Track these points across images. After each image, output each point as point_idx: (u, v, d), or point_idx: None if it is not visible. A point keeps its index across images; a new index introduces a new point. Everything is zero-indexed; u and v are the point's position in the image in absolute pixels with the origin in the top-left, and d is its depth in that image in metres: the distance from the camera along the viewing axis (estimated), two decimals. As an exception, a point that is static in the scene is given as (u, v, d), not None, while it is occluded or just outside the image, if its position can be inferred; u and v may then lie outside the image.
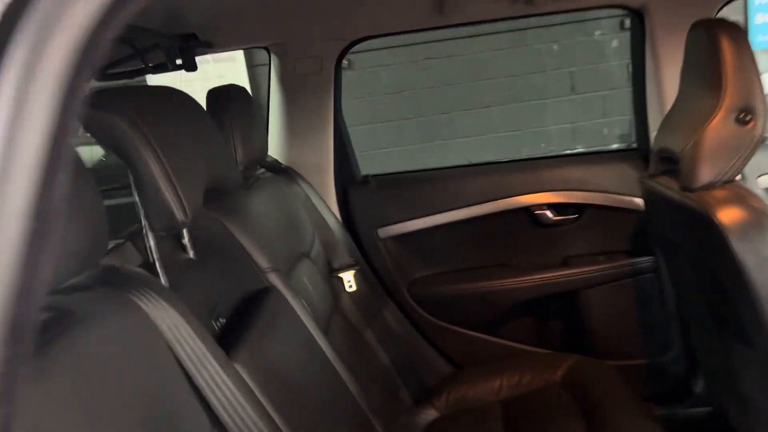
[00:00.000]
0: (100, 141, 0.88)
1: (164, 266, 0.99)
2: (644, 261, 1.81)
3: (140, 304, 0.81)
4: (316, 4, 1.53)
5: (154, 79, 1.69)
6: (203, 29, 1.53)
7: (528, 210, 1.84)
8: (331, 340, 1.35)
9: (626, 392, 1.57)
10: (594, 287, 1.84)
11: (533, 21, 3.77)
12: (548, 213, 1.84)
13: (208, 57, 1.77)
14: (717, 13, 1.64)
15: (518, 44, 4.49)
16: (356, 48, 1.74)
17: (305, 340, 1.23)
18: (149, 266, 0.98)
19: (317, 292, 1.56)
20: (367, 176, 1.96)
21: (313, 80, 1.75)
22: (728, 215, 1.20)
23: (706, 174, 1.28)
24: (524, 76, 4.54)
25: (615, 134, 4.55)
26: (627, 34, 4.39)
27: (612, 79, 4.47)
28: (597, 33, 4.49)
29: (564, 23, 4.40)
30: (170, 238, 1.06)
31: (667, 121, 1.47)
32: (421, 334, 1.87)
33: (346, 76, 1.87)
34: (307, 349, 1.23)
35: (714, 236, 1.20)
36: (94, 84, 1.48)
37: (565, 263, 1.87)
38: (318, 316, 1.46)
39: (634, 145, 1.95)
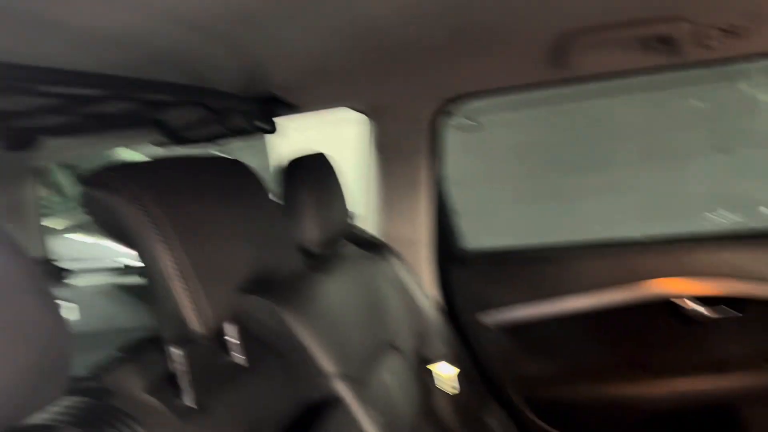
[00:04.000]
0: (101, 227, 0.71)
1: (194, 377, 0.79)
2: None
3: None
4: (408, 61, 1.32)
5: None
6: (285, 90, 1.38)
7: (668, 301, 1.49)
8: None
9: None
10: (758, 402, 1.44)
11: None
12: (696, 306, 1.48)
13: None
14: None
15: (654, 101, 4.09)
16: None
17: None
18: (171, 379, 0.78)
19: (404, 390, 1.31)
20: (470, 251, 1.70)
21: (408, 144, 1.54)
22: None
23: None
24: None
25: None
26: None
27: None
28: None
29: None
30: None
31: None
32: None
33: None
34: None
35: None
36: (175, 150, 1.37)
37: (719, 368, 1.49)
38: (401, 421, 1.21)
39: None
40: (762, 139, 3.96)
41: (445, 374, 1.47)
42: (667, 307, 1.50)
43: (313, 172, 1.25)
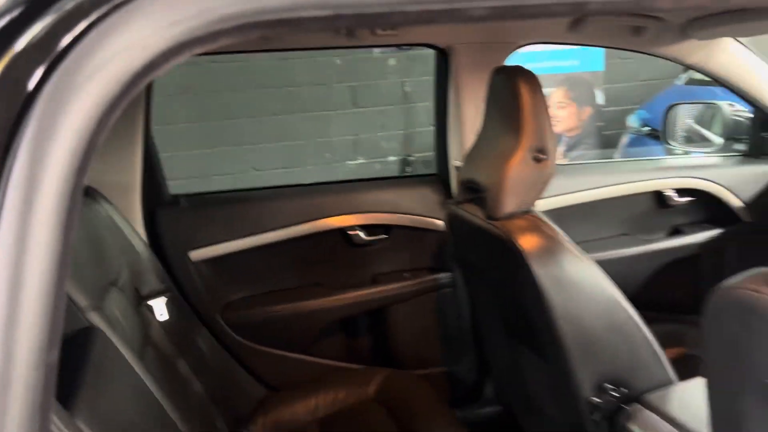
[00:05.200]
0: None
1: None
2: (443, 277, 1.98)
3: None
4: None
5: None
6: None
7: (341, 231, 1.90)
8: (148, 375, 1.27)
9: (433, 400, 1.70)
10: (400, 303, 1.96)
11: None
12: (360, 233, 1.91)
13: None
14: (509, 57, 1.85)
15: (301, 56, 4.57)
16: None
17: (134, 383, 1.14)
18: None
19: (129, 324, 1.44)
20: (176, 196, 1.86)
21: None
22: (528, 242, 1.36)
23: (508, 205, 1.44)
24: (308, 87, 4.64)
25: (393, 147, 4.86)
26: (402, 54, 4.74)
27: (389, 95, 4.77)
28: (377, 51, 4.75)
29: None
30: None
31: (472, 154, 1.62)
32: (235, 359, 1.83)
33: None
34: (137, 393, 1.14)
35: (515, 260, 1.36)
36: None
37: (374, 281, 1.96)
38: (133, 351, 1.36)
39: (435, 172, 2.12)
40: (390, 98, 4.79)
41: (160, 307, 1.64)
42: (341, 236, 1.91)
43: None
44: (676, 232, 2.16)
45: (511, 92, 1.43)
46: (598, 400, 1.36)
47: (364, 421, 1.65)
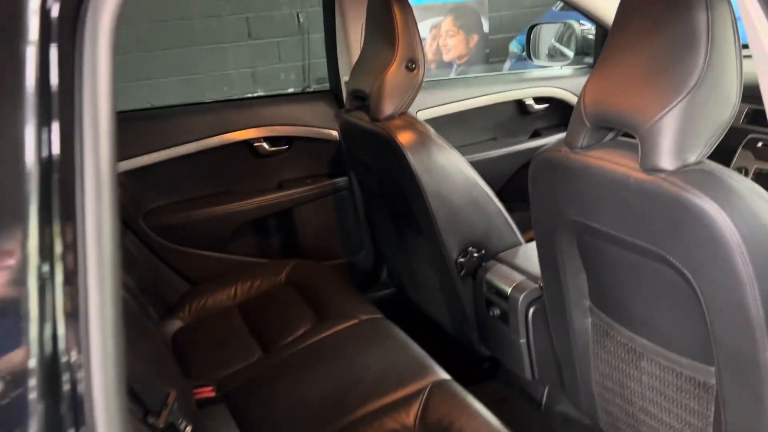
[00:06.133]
0: None
1: None
2: (340, 181, 2.27)
3: None
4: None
5: None
6: None
7: (247, 143, 2.14)
8: None
9: (339, 282, 2.01)
10: (304, 204, 2.24)
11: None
12: (264, 145, 2.16)
13: None
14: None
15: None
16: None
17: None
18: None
19: None
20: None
21: None
22: (405, 137, 1.68)
23: (387, 108, 1.75)
24: (201, 19, 4.65)
25: (291, 78, 4.99)
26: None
27: (285, 26, 4.85)
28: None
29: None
30: None
31: (357, 67, 1.90)
32: (159, 259, 2.06)
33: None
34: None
35: (395, 153, 1.67)
36: None
37: (280, 187, 2.23)
38: None
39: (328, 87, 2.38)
40: (285, 29, 4.86)
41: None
42: (247, 147, 2.15)
43: None
44: (536, 134, 2.55)
45: (387, 14, 1.71)
46: (463, 260, 1.72)
47: (279, 302, 1.95)
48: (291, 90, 4.91)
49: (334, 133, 2.20)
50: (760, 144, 1.91)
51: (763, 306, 0.94)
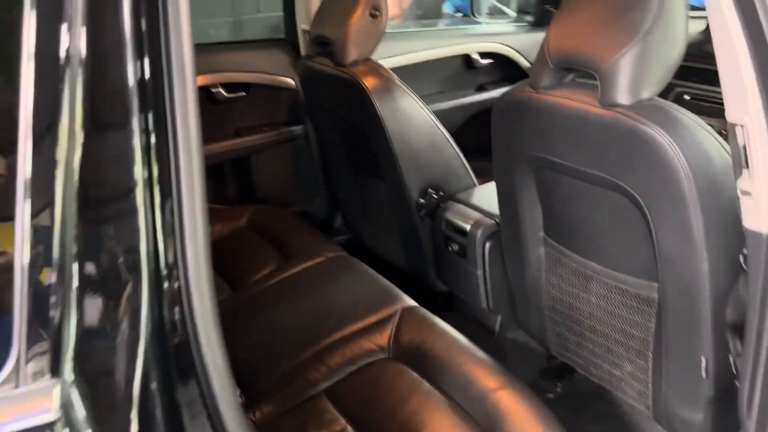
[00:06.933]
0: None
1: None
2: (297, 129, 2.32)
3: None
4: None
5: None
6: None
7: (204, 89, 2.15)
8: None
9: (302, 226, 2.07)
10: (261, 152, 2.28)
11: None
12: (222, 91, 2.18)
13: None
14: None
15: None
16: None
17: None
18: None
19: None
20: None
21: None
22: (370, 81, 1.75)
23: (352, 53, 1.81)
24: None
25: (221, 35, 4.87)
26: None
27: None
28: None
29: None
30: None
31: (321, 14, 1.95)
32: None
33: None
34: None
35: (361, 97, 1.75)
36: None
37: (237, 134, 2.26)
38: None
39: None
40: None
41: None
42: (204, 93, 2.16)
43: None
44: (480, 88, 2.67)
45: None
46: (423, 201, 1.83)
47: (244, 244, 1.98)
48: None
49: (291, 82, 2.24)
50: (687, 96, 2.10)
51: (703, 222, 1.09)
